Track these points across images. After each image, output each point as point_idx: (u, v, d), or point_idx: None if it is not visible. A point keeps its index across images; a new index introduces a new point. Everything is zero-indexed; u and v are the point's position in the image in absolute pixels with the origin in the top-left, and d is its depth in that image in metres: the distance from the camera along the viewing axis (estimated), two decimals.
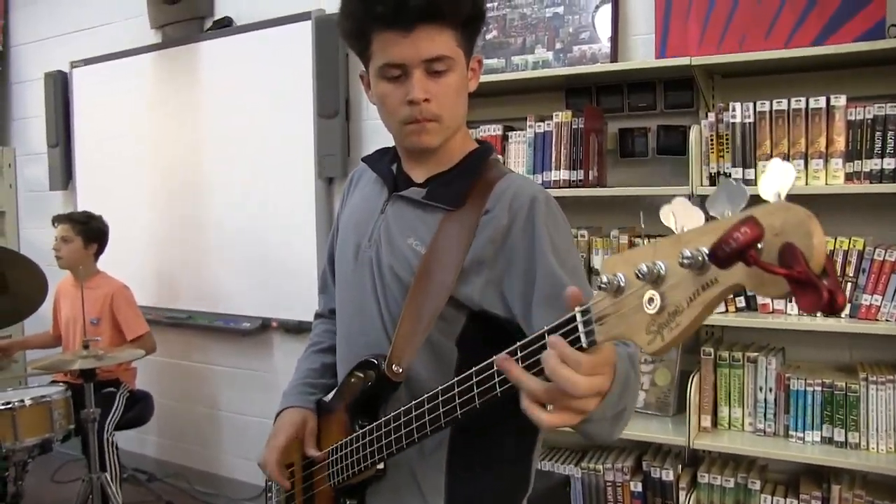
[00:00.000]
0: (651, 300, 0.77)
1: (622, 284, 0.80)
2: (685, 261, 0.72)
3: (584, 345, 0.86)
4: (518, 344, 0.95)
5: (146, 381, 3.89)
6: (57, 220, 3.67)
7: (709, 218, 0.73)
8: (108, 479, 3.18)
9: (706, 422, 2.55)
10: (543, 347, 0.90)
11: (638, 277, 0.77)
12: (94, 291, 3.61)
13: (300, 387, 1.51)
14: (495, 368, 0.99)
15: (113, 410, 3.46)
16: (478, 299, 1.24)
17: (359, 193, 1.48)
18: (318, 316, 1.67)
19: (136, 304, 3.70)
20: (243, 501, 3.95)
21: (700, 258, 0.71)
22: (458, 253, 1.23)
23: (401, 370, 1.24)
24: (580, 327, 0.86)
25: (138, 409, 3.67)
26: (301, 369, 1.57)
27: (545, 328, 0.92)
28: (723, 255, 0.66)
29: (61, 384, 3.40)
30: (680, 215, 0.76)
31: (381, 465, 1.26)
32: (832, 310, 0.65)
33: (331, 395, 1.47)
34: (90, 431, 3.07)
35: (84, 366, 2.95)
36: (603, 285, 0.81)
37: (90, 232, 3.66)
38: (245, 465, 4.00)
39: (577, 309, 0.87)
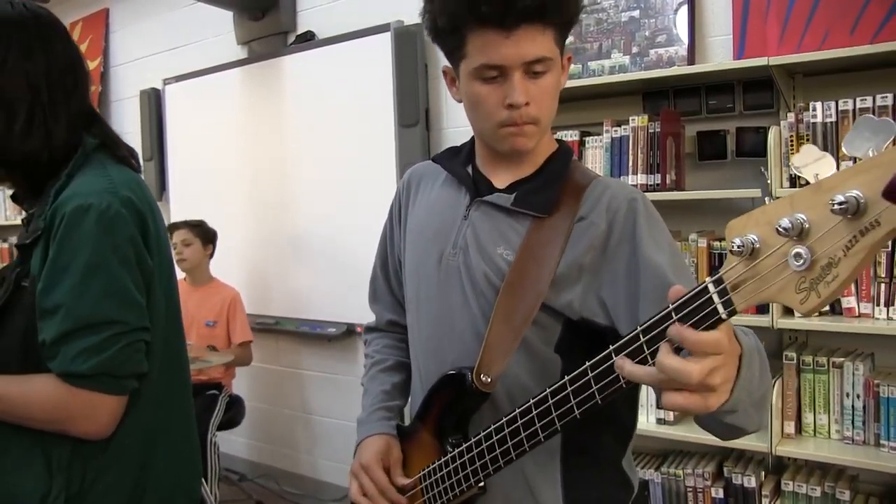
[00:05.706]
0: (798, 256, 0.71)
1: (757, 245, 0.75)
2: (837, 207, 0.67)
3: (724, 315, 0.80)
4: (640, 328, 0.90)
5: (237, 384, 4.03)
6: (174, 226, 3.84)
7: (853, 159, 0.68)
8: (206, 479, 3.31)
9: (789, 428, 2.49)
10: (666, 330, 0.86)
11: (780, 233, 0.73)
12: (212, 295, 3.82)
13: (377, 412, 1.42)
14: (613, 360, 0.94)
15: (215, 412, 3.59)
16: (578, 307, 1.19)
17: (427, 196, 1.41)
18: (370, 329, 1.60)
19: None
20: (330, 502, 4.05)
21: (856, 201, 0.66)
22: (551, 260, 1.19)
23: (489, 380, 1.18)
24: (715, 298, 0.81)
25: (232, 412, 3.82)
26: (372, 392, 1.47)
27: (671, 305, 0.85)
28: None
29: None
30: (810, 164, 0.73)
31: (482, 483, 1.18)
32: None
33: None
34: None
35: None
36: (736, 249, 0.77)
37: (206, 234, 3.88)
38: (332, 467, 4.10)
39: (707, 280, 0.82)
